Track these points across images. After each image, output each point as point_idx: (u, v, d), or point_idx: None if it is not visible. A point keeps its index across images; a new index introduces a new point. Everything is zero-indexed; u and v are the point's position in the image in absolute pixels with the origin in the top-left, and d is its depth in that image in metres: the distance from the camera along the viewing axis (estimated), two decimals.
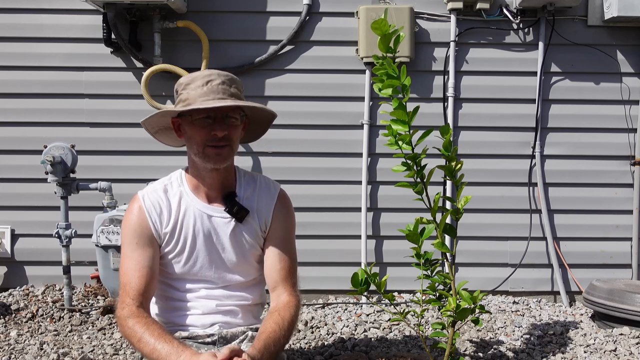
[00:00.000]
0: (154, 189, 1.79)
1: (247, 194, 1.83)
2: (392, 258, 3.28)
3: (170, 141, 1.89)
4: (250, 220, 1.81)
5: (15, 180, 3.24)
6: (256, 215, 1.82)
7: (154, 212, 1.75)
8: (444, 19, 3.23)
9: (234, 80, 1.73)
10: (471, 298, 1.83)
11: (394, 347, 2.47)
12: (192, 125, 1.69)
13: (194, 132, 1.69)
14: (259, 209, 1.83)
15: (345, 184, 3.27)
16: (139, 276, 1.69)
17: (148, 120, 1.77)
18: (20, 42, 3.22)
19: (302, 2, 3.19)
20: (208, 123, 1.67)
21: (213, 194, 1.79)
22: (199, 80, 1.69)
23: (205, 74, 1.70)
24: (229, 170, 1.81)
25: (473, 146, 3.27)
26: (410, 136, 1.81)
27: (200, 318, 1.79)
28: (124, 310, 1.64)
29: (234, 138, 1.72)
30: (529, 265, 3.29)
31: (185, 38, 3.18)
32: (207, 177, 1.77)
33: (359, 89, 3.24)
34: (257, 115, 1.83)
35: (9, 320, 2.76)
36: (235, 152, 1.77)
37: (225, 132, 1.68)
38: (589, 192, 3.29)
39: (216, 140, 1.68)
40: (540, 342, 2.56)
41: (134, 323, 1.61)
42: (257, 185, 1.86)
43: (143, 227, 1.75)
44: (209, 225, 1.78)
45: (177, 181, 1.82)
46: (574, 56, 3.25)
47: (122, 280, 1.71)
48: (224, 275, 1.81)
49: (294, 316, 1.73)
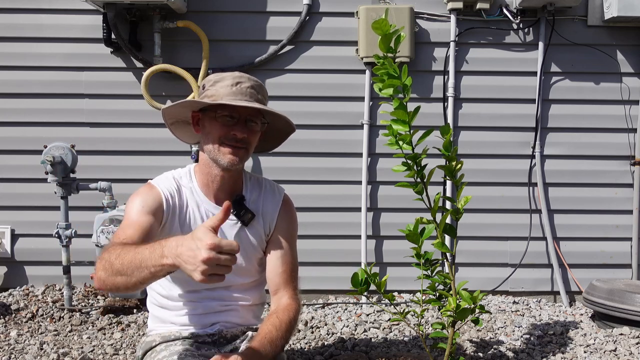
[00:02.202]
0: (167, 178, 1.77)
1: (253, 197, 1.84)
2: (392, 258, 3.28)
3: (184, 135, 1.88)
4: (255, 224, 1.82)
5: (15, 180, 3.24)
6: (261, 219, 1.83)
7: (169, 196, 1.71)
8: (444, 19, 3.23)
9: (262, 87, 1.75)
10: (471, 298, 1.83)
11: (394, 347, 2.47)
12: (214, 121, 1.69)
13: (214, 127, 1.69)
14: (264, 213, 1.84)
15: (345, 184, 3.27)
16: (139, 229, 1.58)
17: (169, 109, 1.76)
18: (20, 42, 3.22)
19: (302, 2, 3.19)
20: (230, 122, 1.68)
21: (222, 196, 1.79)
22: (228, 80, 1.69)
23: (236, 75, 1.71)
24: (239, 173, 1.82)
25: (473, 146, 3.27)
26: (410, 136, 1.81)
27: (201, 318, 1.79)
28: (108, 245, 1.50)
29: (251, 142, 1.73)
30: (529, 265, 3.29)
31: (185, 38, 3.18)
32: (217, 177, 1.76)
33: (359, 89, 3.24)
34: (276, 126, 1.84)
35: (9, 320, 2.76)
36: (249, 157, 1.77)
37: (245, 135, 1.69)
38: (589, 192, 3.29)
39: (235, 140, 1.68)
40: (540, 342, 2.56)
41: (114, 246, 1.45)
42: (263, 189, 1.88)
43: (157, 201, 1.68)
44: None
45: (187, 177, 1.80)
46: (574, 56, 3.25)
47: (118, 231, 1.61)
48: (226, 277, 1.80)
49: (292, 319, 1.73)
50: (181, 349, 1.71)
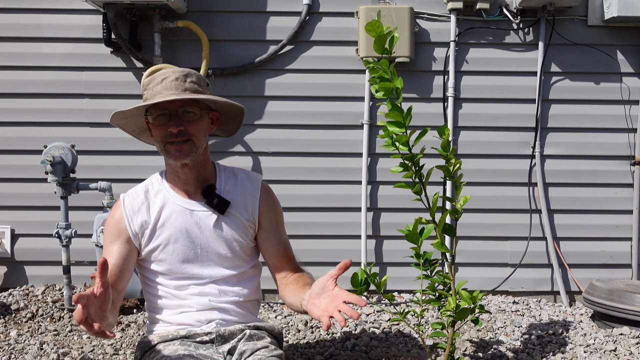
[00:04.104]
0: (135, 191, 1.85)
1: (228, 187, 1.85)
2: (392, 258, 3.28)
3: (152, 141, 1.90)
4: (235, 213, 1.83)
5: (15, 180, 3.24)
6: (241, 207, 1.84)
7: (132, 214, 1.80)
8: (444, 19, 3.23)
9: (190, 74, 1.74)
10: (471, 298, 1.83)
11: (394, 347, 2.47)
12: (152, 124, 1.74)
13: (154, 130, 1.74)
14: (243, 200, 1.86)
15: (345, 184, 3.27)
16: (110, 269, 1.69)
17: (122, 123, 1.82)
18: (20, 42, 3.22)
19: (302, 2, 3.19)
20: (164, 120, 1.70)
21: (191, 189, 1.82)
22: (156, 79, 1.72)
23: (161, 72, 1.73)
24: (204, 165, 1.83)
25: (473, 146, 3.27)
26: (407, 137, 1.82)
27: (195, 315, 1.79)
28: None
29: (193, 132, 1.72)
30: (529, 265, 3.29)
31: (185, 38, 3.18)
32: (180, 173, 1.80)
33: (359, 89, 3.24)
34: (231, 108, 1.85)
35: (9, 320, 2.76)
36: (201, 146, 1.77)
37: (181, 127, 1.69)
38: (589, 192, 3.29)
39: (173, 136, 1.70)
40: (540, 342, 2.56)
41: None
42: (238, 178, 1.89)
43: (120, 229, 1.80)
44: (190, 220, 1.81)
45: (158, 180, 1.86)
46: (574, 56, 3.25)
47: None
48: (212, 269, 1.83)
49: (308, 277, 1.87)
50: (179, 349, 1.71)
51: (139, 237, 1.81)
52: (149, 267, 1.84)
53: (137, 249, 1.82)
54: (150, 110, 1.72)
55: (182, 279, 1.82)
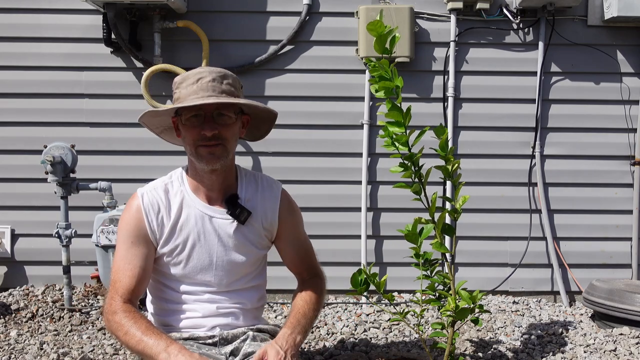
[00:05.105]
0: (154, 188, 1.76)
1: (249, 195, 1.80)
2: (392, 258, 3.28)
3: (176, 140, 1.84)
4: (253, 222, 1.79)
5: (15, 180, 3.24)
6: (260, 217, 1.80)
7: (151, 211, 1.72)
8: (444, 19, 3.23)
9: (227, 76, 1.70)
10: (470, 298, 1.83)
11: (394, 347, 2.47)
12: (184, 125, 1.67)
13: (186, 132, 1.67)
14: (263, 210, 1.81)
15: (345, 184, 3.27)
16: (130, 275, 1.67)
17: (148, 121, 1.76)
18: (19, 42, 3.22)
19: (302, 2, 3.19)
20: (198, 122, 1.64)
21: (213, 195, 1.76)
22: (190, 79, 1.66)
23: (197, 72, 1.67)
24: (229, 171, 1.78)
25: (473, 146, 3.27)
26: (406, 137, 1.82)
27: (201, 321, 1.77)
28: (112, 305, 1.64)
29: (226, 136, 1.67)
30: (529, 265, 3.29)
31: (185, 38, 3.18)
32: (205, 177, 1.74)
33: (358, 89, 3.24)
34: (260, 113, 1.79)
35: (9, 320, 2.76)
36: (232, 151, 1.72)
37: (215, 131, 1.64)
38: (589, 192, 3.29)
39: (206, 139, 1.64)
40: (540, 342, 2.56)
41: (121, 317, 1.60)
42: (259, 186, 1.84)
43: (139, 227, 1.72)
44: (210, 227, 1.75)
45: (178, 180, 1.78)
46: (574, 56, 3.25)
47: (113, 277, 1.69)
48: (225, 278, 1.78)
49: (320, 291, 1.87)
50: None
51: (156, 238, 1.73)
52: (160, 269, 1.78)
53: (154, 247, 1.74)
54: (182, 110, 1.66)
55: (194, 285, 1.78)
